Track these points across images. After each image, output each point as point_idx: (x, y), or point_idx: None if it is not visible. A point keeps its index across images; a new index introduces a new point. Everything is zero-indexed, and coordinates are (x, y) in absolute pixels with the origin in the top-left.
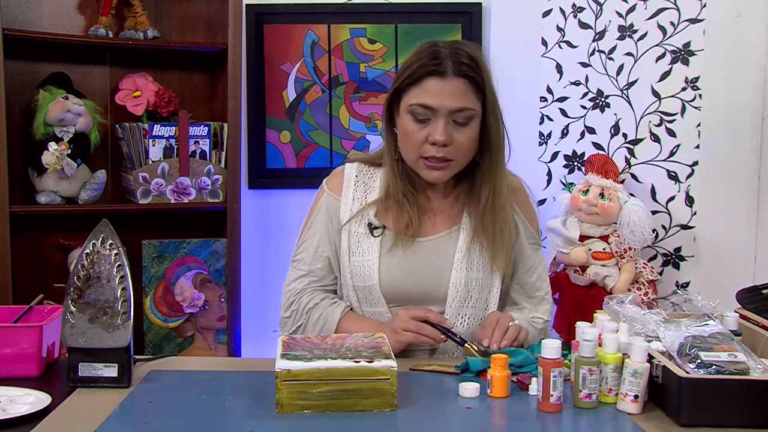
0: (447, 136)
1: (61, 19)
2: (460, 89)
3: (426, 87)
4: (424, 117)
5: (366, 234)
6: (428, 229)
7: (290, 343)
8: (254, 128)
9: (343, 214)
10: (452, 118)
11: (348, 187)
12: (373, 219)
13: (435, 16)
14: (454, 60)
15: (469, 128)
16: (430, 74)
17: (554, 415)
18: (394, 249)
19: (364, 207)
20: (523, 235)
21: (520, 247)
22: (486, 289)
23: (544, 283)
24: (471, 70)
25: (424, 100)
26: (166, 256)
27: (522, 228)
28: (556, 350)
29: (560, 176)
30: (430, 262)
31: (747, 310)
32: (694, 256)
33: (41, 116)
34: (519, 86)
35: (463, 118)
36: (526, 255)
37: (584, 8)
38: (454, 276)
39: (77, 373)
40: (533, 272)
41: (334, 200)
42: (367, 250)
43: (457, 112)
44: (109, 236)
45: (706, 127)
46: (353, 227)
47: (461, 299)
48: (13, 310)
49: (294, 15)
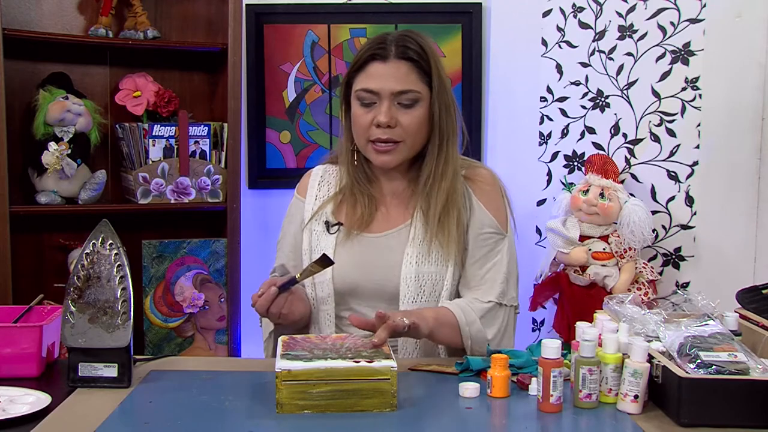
0: (390, 117)
1: (61, 19)
2: (402, 71)
3: (369, 71)
4: (369, 101)
5: (323, 232)
6: (382, 224)
7: (290, 343)
8: (254, 128)
9: (306, 214)
10: (396, 100)
11: (312, 187)
12: (330, 217)
13: (435, 16)
14: (398, 45)
15: (415, 110)
16: (372, 58)
17: (554, 415)
18: (348, 245)
19: (322, 204)
20: (476, 224)
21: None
22: (439, 283)
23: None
24: (415, 54)
25: (368, 84)
26: (166, 256)
27: (476, 216)
28: (556, 350)
29: (560, 176)
30: (382, 258)
31: (747, 310)
32: (694, 256)
33: (41, 116)
34: (519, 86)
35: (407, 99)
36: (479, 244)
37: (584, 8)
38: (404, 271)
39: (77, 373)
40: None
41: (299, 202)
42: (324, 247)
43: (401, 94)
44: (109, 236)
45: (706, 127)
46: (313, 226)
47: (413, 294)
48: (13, 310)
49: (294, 15)
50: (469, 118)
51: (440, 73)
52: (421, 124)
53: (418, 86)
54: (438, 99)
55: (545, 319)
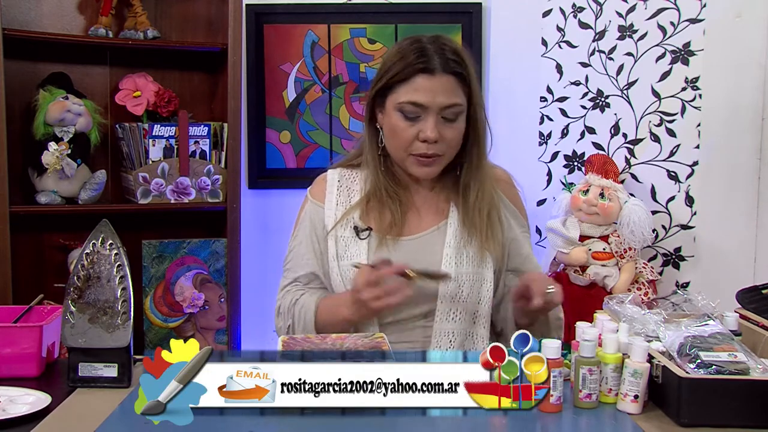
0: (438, 133)
1: (61, 19)
2: (449, 86)
3: (416, 85)
4: (414, 114)
5: (353, 237)
6: (414, 226)
7: (290, 343)
8: (254, 128)
9: (327, 220)
10: (442, 114)
11: (331, 192)
12: (359, 222)
13: (435, 16)
14: (441, 56)
15: (458, 123)
16: (419, 72)
17: (554, 415)
18: (381, 249)
19: (348, 210)
20: (514, 225)
21: (514, 237)
22: (477, 283)
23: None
24: (458, 66)
25: (415, 98)
26: (166, 256)
27: (512, 217)
28: (556, 350)
29: (560, 176)
30: (419, 260)
31: (747, 310)
32: (694, 256)
33: (41, 116)
34: (519, 86)
35: (452, 114)
36: (520, 244)
37: (584, 8)
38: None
39: (77, 373)
40: (531, 260)
41: (317, 208)
42: (355, 253)
43: (447, 108)
44: (109, 236)
45: (706, 127)
46: (339, 232)
47: (452, 295)
48: (13, 310)
49: (294, 15)
50: None
51: (475, 78)
52: (461, 136)
53: (462, 99)
54: (477, 107)
55: None
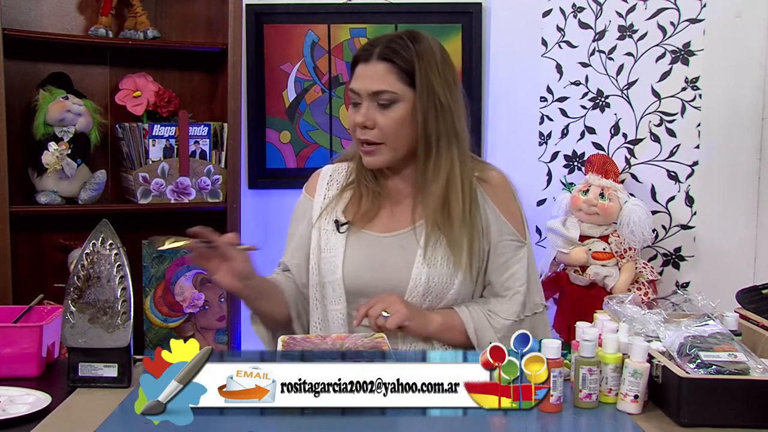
0: (367, 117)
1: (61, 19)
2: (380, 72)
3: (356, 72)
4: (355, 101)
5: (333, 231)
6: (388, 224)
7: (290, 343)
8: (254, 128)
9: (314, 213)
10: (375, 101)
11: (321, 186)
12: (340, 216)
13: (435, 16)
14: (381, 45)
15: (392, 111)
16: (359, 59)
17: (554, 415)
18: (358, 245)
19: (330, 201)
20: (495, 231)
21: (493, 244)
22: (446, 286)
23: (517, 283)
24: (394, 54)
25: (353, 85)
26: (166, 256)
27: (495, 224)
28: (556, 350)
29: (560, 176)
30: (394, 258)
31: (747, 310)
32: (694, 256)
33: (41, 116)
34: (519, 86)
35: (385, 100)
36: (499, 252)
37: (584, 8)
38: (414, 272)
39: (77, 373)
40: (505, 270)
41: (308, 201)
42: (333, 246)
43: (377, 94)
44: (109, 236)
45: (706, 127)
46: (323, 224)
47: (420, 294)
48: (13, 310)
49: (294, 15)
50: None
51: (429, 73)
52: (399, 125)
53: (396, 87)
54: (423, 100)
55: None
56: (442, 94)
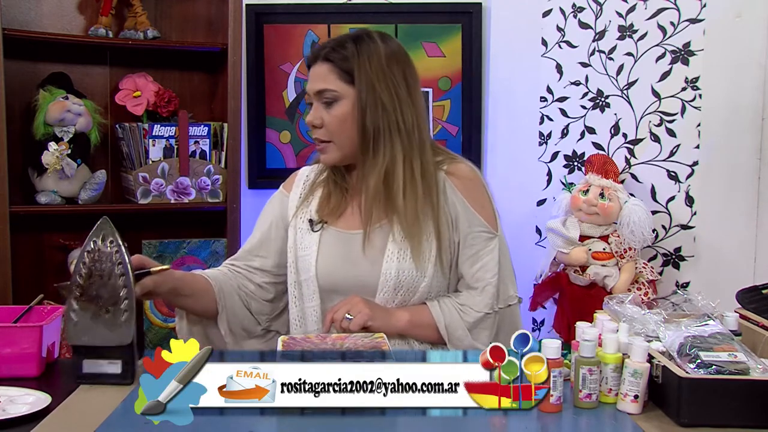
0: (315, 117)
1: (61, 19)
2: (322, 72)
3: (308, 74)
4: (309, 102)
5: (308, 229)
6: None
7: (290, 343)
8: (254, 128)
9: (290, 210)
10: (321, 100)
11: (297, 186)
12: (314, 215)
13: (435, 16)
14: (329, 47)
15: (335, 109)
16: (309, 62)
17: (554, 415)
18: (331, 243)
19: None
20: (464, 223)
21: (463, 236)
22: (417, 279)
23: (488, 274)
24: (334, 53)
25: (306, 86)
26: (166, 256)
27: (463, 215)
28: (556, 350)
29: (560, 176)
30: (366, 254)
31: (747, 310)
32: (694, 256)
33: (41, 116)
34: (519, 86)
35: (327, 99)
36: (468, 244)
37: (584, 8)
38: (384, 267)
39: (81, 370)
40: (475, 261)
41: (284, 197)
42: (308, 245)
43: (320, 93)
44: (110, 233)
45: (706, 127)
46: (298, 224)
47: (391, 289)
48: (13, 310)
49: (294, 15)
50: (469, 118)
51: (369, 71)
52: (342, 122)
53: (336, 85)
54: (362, 97)
55: (545, 319)
56: (383, 91)
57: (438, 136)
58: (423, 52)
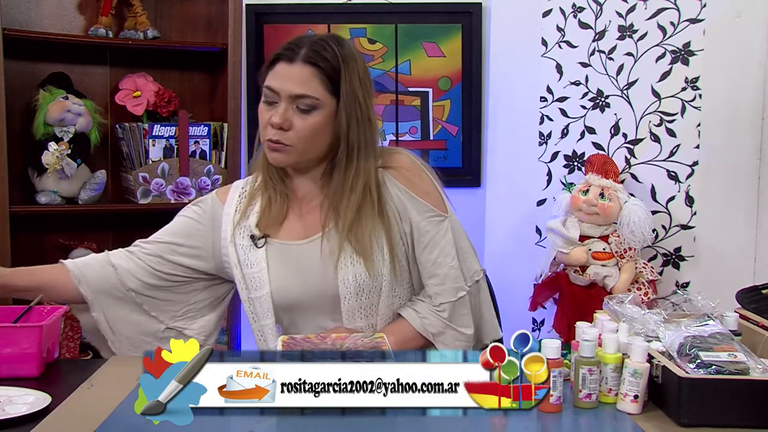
0: (285, 119)
1: (61, 19)
2: (304, 76)
3: (275, 70)
4: (271, 99)
5: (251, 246)
6: (304, 228)
7: (290, 343)
8: (254, 128)
9: (225, 226)
10: (295, 104)
11: (233, 198)
12: (254, 229)
13: (435, 16)
14: (308, 48)
15: (311, 117)
16: (281, 58)
17: (554, 415)
18: (281, 258)
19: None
20: (412, 211)
21: (414, 225)
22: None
23: (447, 258)
24: (324, 61)
25: (271, 83)
26: None
27: (410, 204)
28: (556, 350)
29: (560, 176)
30: (317, 265)
31: (747, 310)
32: (694, 256)
33: (41, 116)
34: (519, 86)
35: (305, 105)
36: (422, 231)
37: (584, 8)
38: (341, 275)
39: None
40: (433, 248)
41: (217, 204)
42: (256, 262)
43: (298, 98)
44: None
45: (706, 127)
46: (238, 240)
47: (354, 294)
48: (13, 310)
49: (294, 15)
50: (469, 118)
51: (354, 83)
52: (316, 131)
53: (319, 92)
54: (346, 109)
55: (545, 319)
56: (363, 103)
57: (438, 136)
58: (423, 52)
